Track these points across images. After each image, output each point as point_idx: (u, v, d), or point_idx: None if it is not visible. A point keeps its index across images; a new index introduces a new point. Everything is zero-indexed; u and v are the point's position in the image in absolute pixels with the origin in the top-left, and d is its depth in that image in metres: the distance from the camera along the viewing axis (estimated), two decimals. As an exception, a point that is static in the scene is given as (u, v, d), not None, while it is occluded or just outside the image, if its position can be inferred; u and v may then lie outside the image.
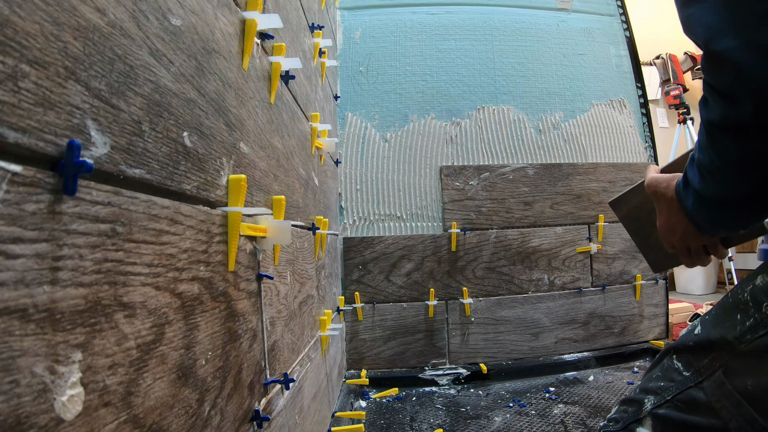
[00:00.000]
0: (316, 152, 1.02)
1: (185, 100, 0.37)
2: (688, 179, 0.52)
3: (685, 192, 0.53)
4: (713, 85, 0.42)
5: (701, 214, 0.51)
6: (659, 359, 0.59)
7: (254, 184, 0.54)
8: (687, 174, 0.52)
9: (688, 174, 0.52)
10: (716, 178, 0.47)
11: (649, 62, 3.16)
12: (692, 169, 0.50)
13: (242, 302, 0.48)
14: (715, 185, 0.47)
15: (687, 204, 0.53)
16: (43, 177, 0.22)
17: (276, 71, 0.64)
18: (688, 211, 0.53)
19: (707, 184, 0.48)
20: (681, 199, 0.54)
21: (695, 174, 0.50)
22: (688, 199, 0.52)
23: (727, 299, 0.52)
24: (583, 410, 1.20)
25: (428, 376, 1.47)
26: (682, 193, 0.53)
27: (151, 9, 0.32)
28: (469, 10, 1.75)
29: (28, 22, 0.21)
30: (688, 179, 0.52)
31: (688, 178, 0.51)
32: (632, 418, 0.59)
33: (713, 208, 0.50)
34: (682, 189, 0.53)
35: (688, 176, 0.52)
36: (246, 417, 0.48)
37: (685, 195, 0.53)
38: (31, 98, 0.21)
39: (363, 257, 1.54)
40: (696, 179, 0.50)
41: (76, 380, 0.23)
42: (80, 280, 0.24)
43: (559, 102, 1.75)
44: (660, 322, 1.72)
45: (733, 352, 0.48)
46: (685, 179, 0.53)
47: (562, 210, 1.65)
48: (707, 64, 0.43)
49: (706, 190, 0.49)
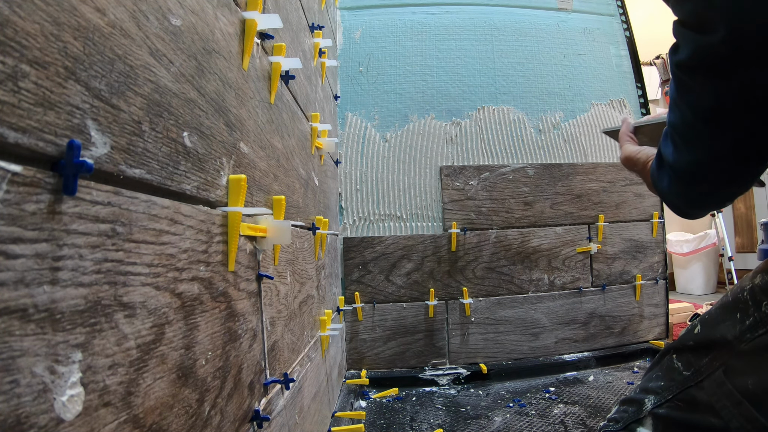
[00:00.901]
0: (316, 152, 1.02)
1: (185, 100, 0.37)
2: (661, 156, 0.48)
3: (659, 173, 0.49)
4: (681, 18, 0.38)
5: (676, 193, 0.48)
6: (659, 359, 0.59)
7: (254, 184, 0.54)
8: (660, 150, 0.48)
9: (661, 149, 0.48)
10: (690, 141, 0.42)
11: (649, 62, 3.16)
12: (665, 142, 0.47)
13: (242, 302, 0.48)
14: (688, 151, 0.43)
15: (662, 186, 0.49)
16: (43, 177, 0.22)
17: (276, 71, 0.64)
18: (664, 193, 0.49)
19: (680, 153, 0.44)
20: (656, 182, 0.50)
21: (668, 145, 0.46)
22: (662, 180, 0.48)
23: (726, 299, 0.52)
24: (583, 410, 1.20)
25: (428, 376, 1.47)
26: (656, 174, 0.50)
27: (151, 9, 0.32)
28: (469, 10, 1.75)
29: (28, 22, 0.21)
30: (662, 155, 0.47)
31: (662, 153, 0.48)
32: (632, 417, 0.59)
33: (688, 184, 0.45)
34: (656, 170, 0.50)
35: (661, 152, 0.48)
36: (246, 417, 0.48)
37: (659, 176, 0.49)
38: (31, 98, 0.21)
39: (363, 257, 1.54)
40: (669, 151, 0.45)
41: (76, 380, 0.23)
42: (80, 280, 0.24)
43: (559, 102, 1.75)
44: (660, 322, 1.72)
45: (733, 352, 0.48)
46: (659, 157, 0.49)
47: (562, 210, 1.65)
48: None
49: (679, 161, 0.44)
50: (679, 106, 0.41)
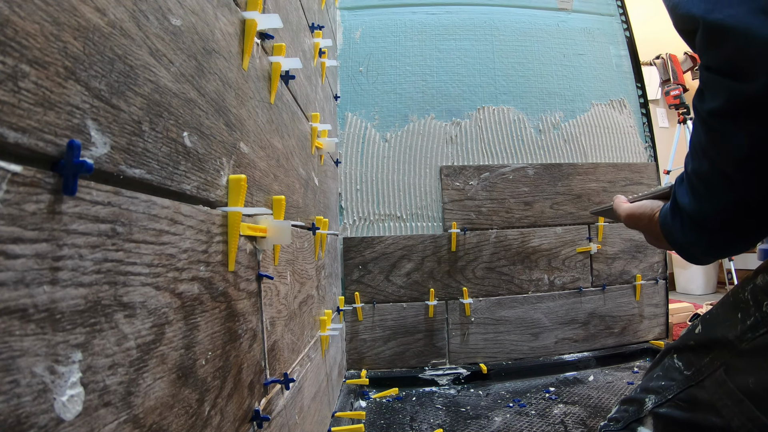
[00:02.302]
0: (316, 152, 1.02)
1: (185, 100, 0.37)
2: (677, 204, 0.47)
3: (673, 222, 0.48)
4: (712, 66, 0.37)
5: (692, 242, 0.46)
6: (660, 359, 0.59)
7: (254, 184, 0.54)
8: (675, 198, 0.47)
9: (677, 197, 0.46)
10: (716, 190, 0.41)
11: (649, 62, 3.16)
12: (681, 190, 0.46)
13: (242, 302, 0.48)
14: (713, 200, 0.42)
15: (676, 235, 0.48)
16: (43, 177, 0.22)
17: (276, 71, 0.64)
18: (678, 243, 0.48)
19: (703, 201, 0.43)
20: (669, 232, 0.49)
21: (685, 194, 0.45)
22: (676, 231, 0.47)
23: (727, 298, 0.52)
24: (583, 410, 1.20)
25: (428, 376, 1.47)
26: (670, 224, 0.48)
27: (151, 9, 0.32)
28: (469, 10, 1.75)
29: (28, 22, 0.21)
30: (678, 203, 0.46)
31: (678, 201, 0.46)
32: (633, 417, 0.59)
33: (710, 232, 0.44)
34: (670, 219, 0.48)
35: (677, 200, 0.47)
36: (246, 417, 0.48)
37: (674, 225, 0.48)
38: (31, 98, 0.21)
39: (363, 257, 1.54)
40: (687, 200, 0.44)
41: (76, 380, 0.23)
42: (80, 280, 0.24)
43: (559, 102, 1.75)
44: (660, 322, 1.72)
45: (734, 351, 0.48)
46: (674, 205, 0.48)
47: (562, 210, 1.65)
48: (705, 40, 0.37)
49: (702, 210, 0.43)
50: (708, 154, 0.40)
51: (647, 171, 1.75)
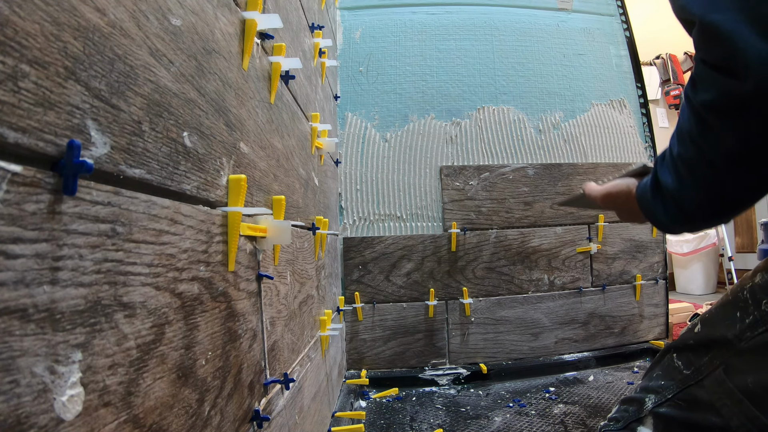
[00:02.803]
0: (316, 152, 1.02)
1: (185, 100, 0.37)
2: (658, 182, 0.47)
3: (653, 199, 0.49)
4: (708, 60, 0.39)
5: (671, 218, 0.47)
6: (660, 358, 0.59)
7: (254, 184, 0.54)
8: (657, 176, 0.48)
9: (660, 176, 0.47)
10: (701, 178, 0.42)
11: (649, 62, 3.16)
12: (664, 170, 0.46)
13: (242, 302, 0.48)
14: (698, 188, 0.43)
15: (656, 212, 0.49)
16: (43, 177, 0.22)
17: (276, 71, 0.64)
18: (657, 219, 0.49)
19: (686, 186, 0.44)
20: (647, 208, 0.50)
21: (669, 174, 0.45)
22: (656, 208, 0.48)
23: (727, 298, 0.52)
24: (583, 410, 1.20)
25: (428, 376, 1.47)
26: (650, 200, 0.49)
27: (151, 9, 0.32)
28: (469, 10, 1.75)
29: (28, 22, 0.21)
30: (660, 182, 0.47)
31: (660, 180, 0.47)
32: (633, 417, 0.59)
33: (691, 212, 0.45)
34: (650, 196, 0.49)
35: (659, 178, 0.47)
36: (246, 417, 0.48)
37: (654, 202, 0.48)
38: (31, 98, 0.21)
39: (363, 257, 1.54)
40: (670, 180, 0.45)
41: (76, 380, 0.23)
42: (80, 280, 0.24)
43: (559, 102, 1.75)
44: (660, 322, 1.72)
45: (733, 350, 0.48)
46: (654, 183, 0.48)
47: (562, 210, 1.65)
48: (701, 37, 0.39)
49: (685, 193, 0.44)
50: (696, 142, 0.41)
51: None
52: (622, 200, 0.56)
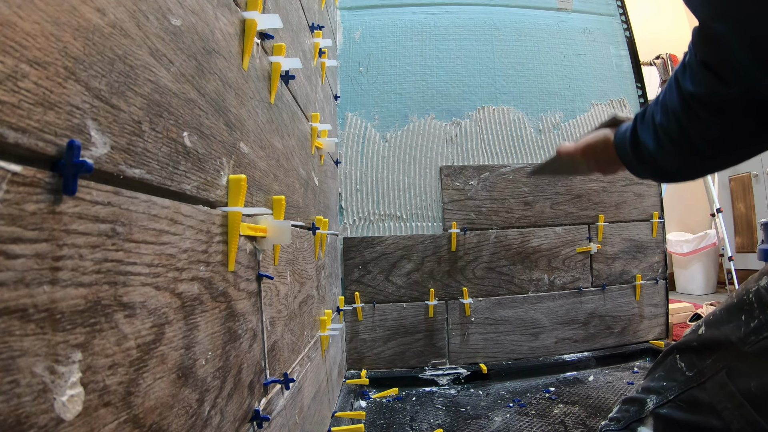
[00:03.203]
0: (316, 152, 1.02)
1: (185, 100, 0.37)
2: (639, 141, 0.49)
3: (634, 155, 0.51)
4: (702, 59, 0.41)
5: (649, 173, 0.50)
6: (662, 359, 0.59)
7: (254, 184, 0.54)
8: (638, 136, 0.49)
9: (641, 135, 0.49)
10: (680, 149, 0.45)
11: (649, 62, 3.16)
12: (645, 130, 0.48)
13: (242, 302, 0.48)
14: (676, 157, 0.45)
15: (637, 169, 0.51)
16: (43, 177, 0.22)
17: (276, 71, 0.64)
18: (637, 173, 0.52)
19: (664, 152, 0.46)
20: (627, 161, 0.52)
21: (649, 136, 0.47)
22: (637, 164, 0.51)
23: (731, 300, 0.52)
24: (583, 410, 1.20)
25: (428, 376, 1.47)
26: (630, 156, 0.51)
27: (151, 9, 0.32)
28: (469, 10, 1.75)
29: (28, 22, 0.21)
30: (640, 141, 0.49)
31: (640, 139, 0.49)
32: (634, 417, 0.59)
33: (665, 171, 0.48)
34: (630, 153, 0.51)
35: (639, 138, 0.49)
36: (246, 417, 0.48)
37: (636, 158, 0.51)
38: (31, 98, 0.21)
39: (363, 257, 1.54)
40: (651, 142, 0.47)
41: (76, 380, 0.23)
42: (80, 280, 0.24)
43: (559, 102, 1.75)
44: (660, 322, 1.72)
45: (736, 353, 0.48)
46: (634, 141, 0.50)
47: (562, 210, 1.65)
48: (701, 37, 0.41)
49: (663, 157, 0.47)
50: (680, 121, 0.43)
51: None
52: (601, 148, 0.57)
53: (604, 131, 0.58)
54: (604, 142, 0.56)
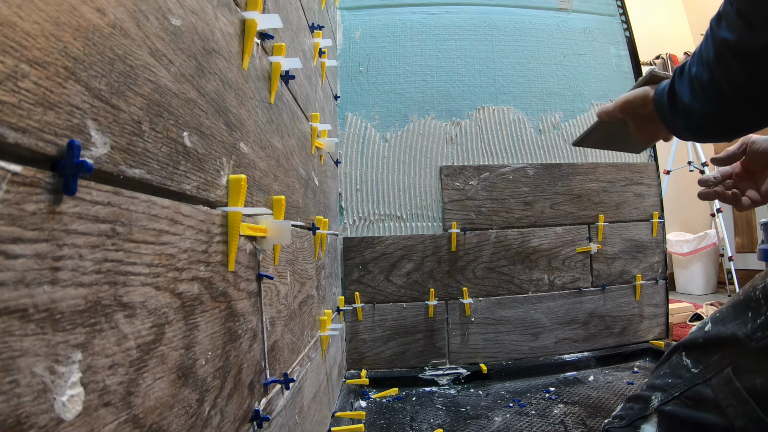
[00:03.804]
0: (316, 152, 1.02)
1: (185, 100, 0.37)
2: (675, 94, 0.50)
3: (670, 109, 0.52)
4: (738, 8, 0.41)
5: (686, 128, 0.51)
6: (668, 356, 0.59)
7: (254, 184, 0.54)
8: (675, 89, 0.51)
9: (677, 89, 0.50)
10: (712, 100, 0.46)
11: (649, 62, 3.16)
12: (682, 84, 0.49)
13: (242, 302, 0.48)
14: (708, 106, 0.47)
15: (673, 121, 0.52)
16: (43, 177, 0.22)
17: (276, 71, 0.64)
18: (673, 127, 0.53)
19: (697, 101, 0.47)
20: (664, 114, 0.53)
21: (686, 90, 0.48)
22: (676, 117, 0.51)
23: (738, 297, 0.52)
24: (583, 410, 1.20)
25: (428, 376, 1.47)
26: (667, 109, 0.52)
27: (151, 9, 0.32)
28: (469, 10, 1.75)
29: (28, 22, 0.21)
30: (677, 94, 0.50)
31: (677, 93, 0.50)
32: (638, 414, 0.59)
33: (700, 125, 0.49)
34: (667, 106, 0.52)
35: (676, 91, 0.50)
36: (246, 417, 0.48)
37: (672, 111, 0.52)
38: (31, 98, 0.21)
39: (363, 257, 1.54)
40: (687, 95, 0.48)
41: (76, 380, 0.23)
42: (80, 280, 0.24)
43: (559, 102, 1.75)
44: (660, 322, 1.72)
45: (743, 350, 0.48)
46: (672, 95, 0.51)
47: (562, 210, 1.65)
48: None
49: (694, 106, 0.48)
50: (711, 69, 0.44)
51: (647, 171, 1.75)
52: (639, 104, 0.58)
53: (643, 88, 0.58)
54: (642, 98, 0.57)
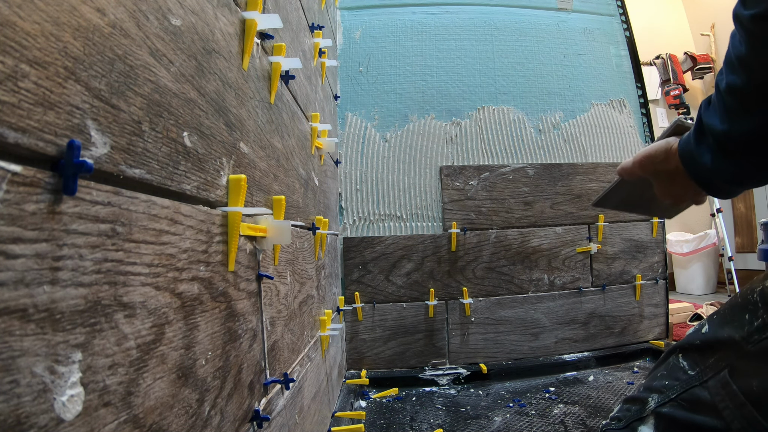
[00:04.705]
0: (316, 152, 1.02)
1: (185, 100, 0.37)
2: (702, 127, 0.47)
3: (697, 147, 0.47)
4: None
5: (717, 168, 0.46)
6: (665, 358, 0.59)
7: (254, 184, 0.54)
8: (702, 121, 0.47)
9: (704, 119, 0.46)
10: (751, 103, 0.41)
11: (649, 62, 3.16)
12: (710, 112, 0.46)
13: (242, 302, 0.48)
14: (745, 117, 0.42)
15: (701, 163, 0.47)
16: (43, 177, 0.22)
17: (276, 71, 0.64)
18: (700, 172, 0.48)
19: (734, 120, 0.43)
20: (691, 160, 0.49)
21: (714, 115, 0.45)
22: (703, 155, 0.47)
23: (736, 299, 0.52)
24: (583, 410, 1.20)
25: (428, 376, 1.47)
26: (694, 149, 0.48)
27: (151, 9, 0.32)
28: (469, 10, 1.75)
29: (28, 22, 0.21)
30: (704, 126, 0.46)
31: (704, 123, 0.46)
32: (635, 416, 0.58)
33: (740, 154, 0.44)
34: (694, 145, 0.48)
35: (703, 122, 0.47)
36: (246, 417, 0.48)
37: (698, 150, 0.47)
38: (31, 98, 0.21)
39: (363, 257, 1.54)
40: (717, 120, 0.45)
41: (76, 380, 0.23)
42: (80, 280, 0.24)
43: (559, 102, 1.75)
44: (660, 322, 1.72)
45: (739, 352, 0.48)
46: (698, 130, 0.47)
47: (562, 210, 1.65)
48: None
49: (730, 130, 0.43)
50: (747, 64, 0.41)
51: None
52: (662, 158, 0.53)
53: (666, 140, 0.54)
54: (665, 152, 0.52)
